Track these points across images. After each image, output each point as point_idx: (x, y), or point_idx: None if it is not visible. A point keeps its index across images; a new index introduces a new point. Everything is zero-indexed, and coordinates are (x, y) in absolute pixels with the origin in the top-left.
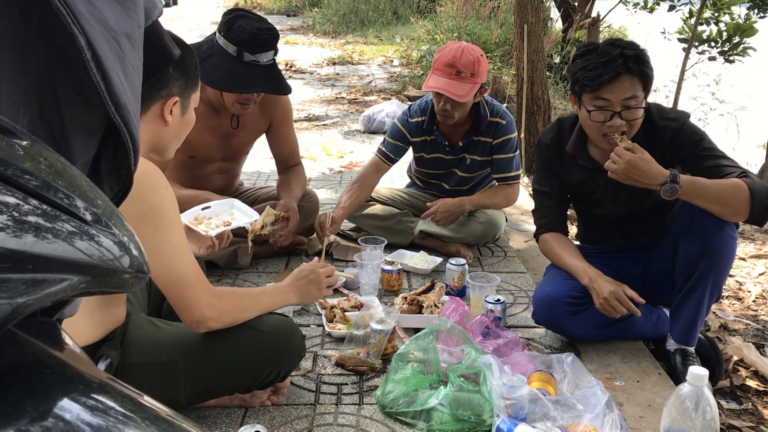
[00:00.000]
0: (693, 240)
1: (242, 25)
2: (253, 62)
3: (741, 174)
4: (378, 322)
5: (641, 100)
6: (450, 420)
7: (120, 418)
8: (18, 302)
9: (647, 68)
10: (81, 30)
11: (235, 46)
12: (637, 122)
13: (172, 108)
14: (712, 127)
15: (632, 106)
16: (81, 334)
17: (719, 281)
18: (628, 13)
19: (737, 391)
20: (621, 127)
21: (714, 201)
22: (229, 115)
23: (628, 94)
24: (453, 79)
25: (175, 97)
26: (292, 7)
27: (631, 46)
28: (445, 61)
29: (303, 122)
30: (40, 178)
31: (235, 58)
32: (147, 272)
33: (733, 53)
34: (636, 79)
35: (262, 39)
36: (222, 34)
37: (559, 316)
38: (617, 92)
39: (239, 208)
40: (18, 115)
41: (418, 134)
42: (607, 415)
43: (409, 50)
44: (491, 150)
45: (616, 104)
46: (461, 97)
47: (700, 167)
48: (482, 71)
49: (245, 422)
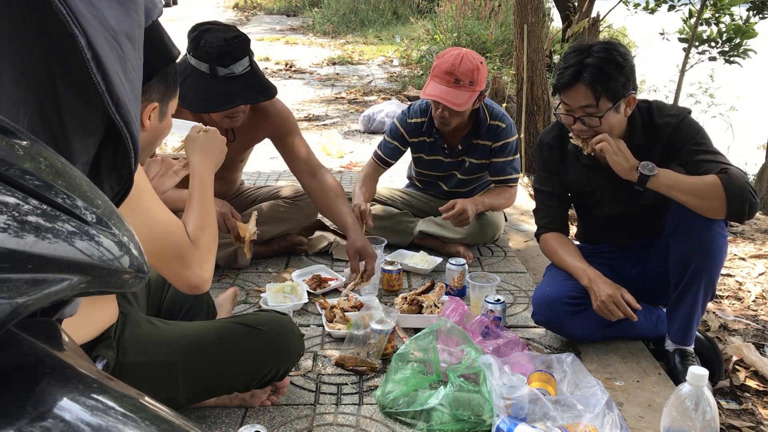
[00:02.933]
0: (682, 239)
1: (208, 40)
2: (229, 75)
3: (721, 170)
4: (378, 322)
5: (602, 110)
6: (450, 420)
7: (120, 418)
8: (18, 302)
9: (607, 80)
10: (81, 30)
11: (206, 63)
12: (601, 130)
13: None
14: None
15: (589, 114)
16: (76, 332)
17: (712, 279)
18: (628, 13)
19: (737, 391)
20: (584, 132)
21: (689, 193)
22: (222, 129)
23: (583, 103)
24: (451, 87)
25: (154, 103)
26: (292, 7)
27: (600, 53)
28: (444, 69)
29: (303, 122)
30: (40, 178)
31: (209, 75)
32: (147, 272)
33: (734, 54)
34: (589, 89)
35: (232, 49)
36: (191, 54)
37: (558, 316)
38: (573, 99)
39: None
40: (18, 115)
41: (416, 135)
42: (607, 415)
43: (409, 50)
44: (490, 153)
45: (576, 110)
46: (459, 106)
47: (689, 161)
48: (481, 79)
49: (245, 422)
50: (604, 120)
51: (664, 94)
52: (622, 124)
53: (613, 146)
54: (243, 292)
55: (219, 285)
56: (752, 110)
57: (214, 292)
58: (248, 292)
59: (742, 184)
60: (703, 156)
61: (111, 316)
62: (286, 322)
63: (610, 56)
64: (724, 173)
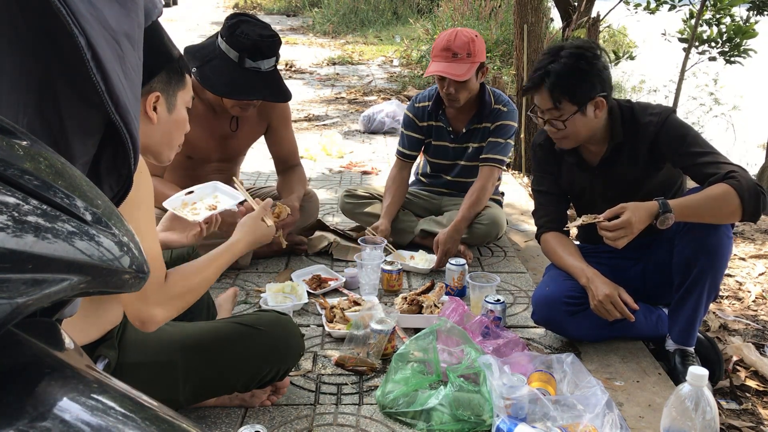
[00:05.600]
0: (688, 240)
1: (245, 31)
2: (254, 69)
3: (728, 174)
4: (378, 322)
5: (565, 114)
6: (450, 420)
7: (120, 418)
8: (18, 302)
9: (568, 86)
10: (81, 30)
11: (236, 51)
12: (568, 132)
13: (155, 105)
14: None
15: (553, 117)
16: (80, 332)
17: (716, 281)
18: (628, 13)
19: (737, 391)
20: (556, 133)
21: (708, 215)
22: (229, 117)
23: (546, 106)
24: (450, 61)
25: (156, 92)
26: (292, 7)
27: (564, 60)
28: (441, 46)
29: (303, 122)
30: (40, 178)
31: (236, 63)
32: (147, 272)
33: (734, 54)
34: (549, 95)
35: (265, 46)
36: (224, 39)
37: (558, 316)
38: (539, 102)
39: (223, 191)
40: (18, 115)
41: (425, 119)
42: (607, 415)
43: (408, 50)
44: (489, 133)
45: (544, 112)
46: (460, 77)
47: (687, 166)
48: (478, 50)
49: (245, 422)
50: (569, 123)
51: (664, 95)
52: (592, 125)
53: (631, 231)
54: (243, 292)
55: (219, 285)
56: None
57: (214, 292)
58: (248, 292)
59: (752, 186)
60: (703, 159)
61: (117, 318)
62: (286, 322)
63: (575, 62)
64: (732, 179)
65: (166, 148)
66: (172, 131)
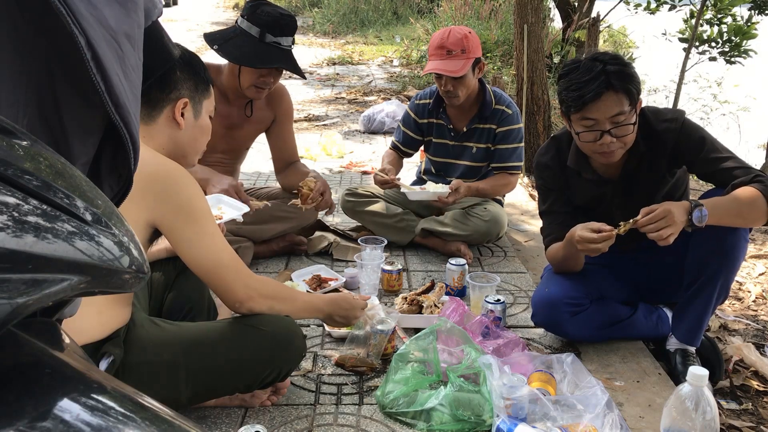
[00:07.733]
0: (705, 239)
1: (266, 10)
2: (275, 44)
3: (754, 178)
4: (378, 323)
5: (630, 115)
6: (450, 420)
7: (120, 418)
8: (18, 302)
9: (631, 83)
10: (81, 30)
11: (257, 27)
12: (629, 137)
13: (183, 111)
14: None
15: (621, 122)
16: (88, 331)
17: (728, 282)
18: (628, 13)
19: (737, 391)
20: (612, 145)
21: (734, 217)
22: (242, 104)
23: (615, 111)
24: (445, 58)
25: (184, 98)
26: (292, 7)
27: (614, 61)
28: (436, 45)
29: (303, 122)
30: (40, 178)
31: (257, 39)
32: (147, 272)
33: (734, 54)
34: (621, 94)
35: (284, 23)
36: (245, 17)
37: (558, 317)
38: (603, 110)
39: (227, 203)
40: (18, 115)
41: (425, 116)
42: (607, 415)
43: (408, 50)
44: (495, 138)
45: (604, 122)
46: (456, 72)
47: (709, 172)
48: (472, 46)
49: (245, 422)
50: (635, 126)
51: (665, 95)
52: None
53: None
54: None
55: None
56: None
57: None
58: None
59: None
60: (724, 164)
61: (124, 318)
62: (288, 323)
63: (623, 61)
64: (760, 183)
65: (192, 152)
66: (197, 136)
